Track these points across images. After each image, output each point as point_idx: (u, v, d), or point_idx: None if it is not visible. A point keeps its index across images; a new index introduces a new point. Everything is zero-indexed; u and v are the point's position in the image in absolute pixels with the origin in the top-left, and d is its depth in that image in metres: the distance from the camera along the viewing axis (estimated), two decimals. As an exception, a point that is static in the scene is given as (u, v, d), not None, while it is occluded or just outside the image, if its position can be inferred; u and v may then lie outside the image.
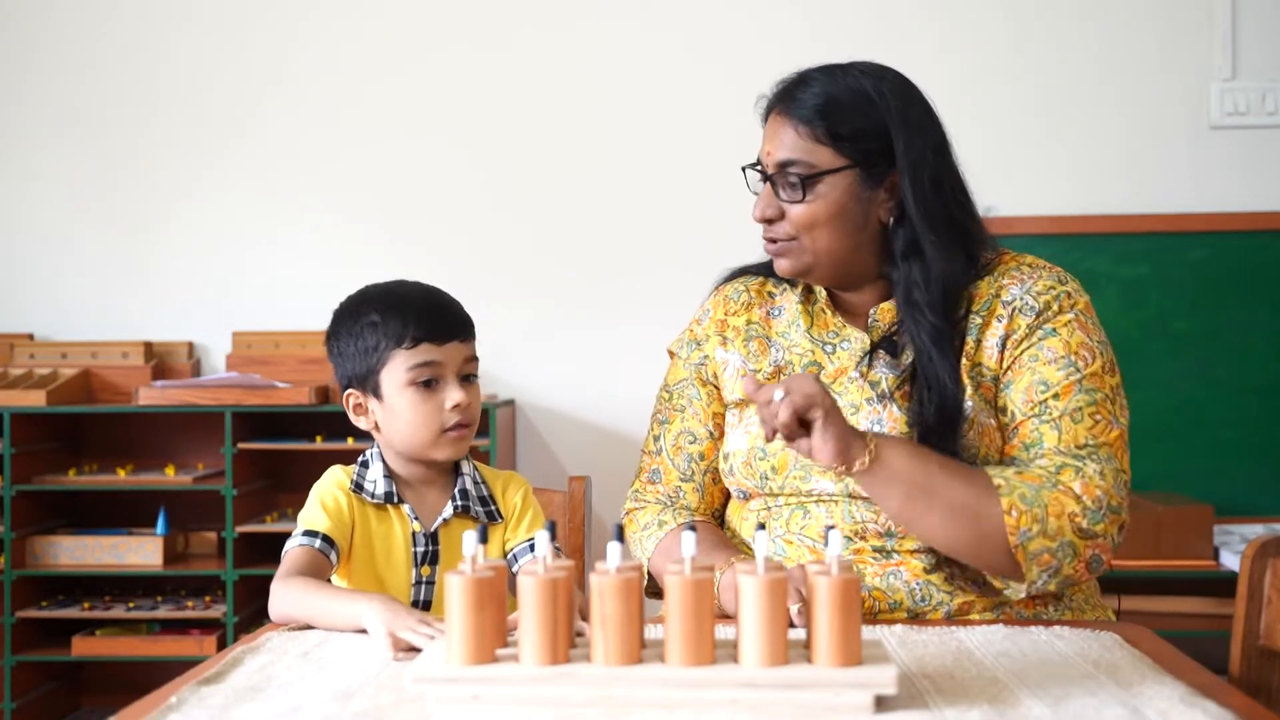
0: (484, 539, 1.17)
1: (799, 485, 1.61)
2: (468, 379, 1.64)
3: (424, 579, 1.62)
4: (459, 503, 1.64)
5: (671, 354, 1.82)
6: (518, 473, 1.80)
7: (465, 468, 1.67)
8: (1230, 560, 3.02)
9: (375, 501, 1.62)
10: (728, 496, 1.76)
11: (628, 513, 1.77)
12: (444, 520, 1.63)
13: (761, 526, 1.17)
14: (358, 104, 3.58)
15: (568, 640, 1.13)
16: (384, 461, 1.65)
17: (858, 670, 1.09)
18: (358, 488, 1.63)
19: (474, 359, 1.65)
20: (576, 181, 3.56)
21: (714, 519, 1.75)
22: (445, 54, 3.57)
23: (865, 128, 1.60)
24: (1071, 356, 1.57)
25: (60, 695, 3.42)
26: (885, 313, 1.65)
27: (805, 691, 1.08)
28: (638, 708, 1.09)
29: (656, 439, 1.77)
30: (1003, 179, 3.46)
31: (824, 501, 1.59)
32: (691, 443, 1.74)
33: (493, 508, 1.67)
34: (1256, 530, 3.23)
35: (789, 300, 1.73)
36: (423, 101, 3.57)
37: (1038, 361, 1.57)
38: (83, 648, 3.21)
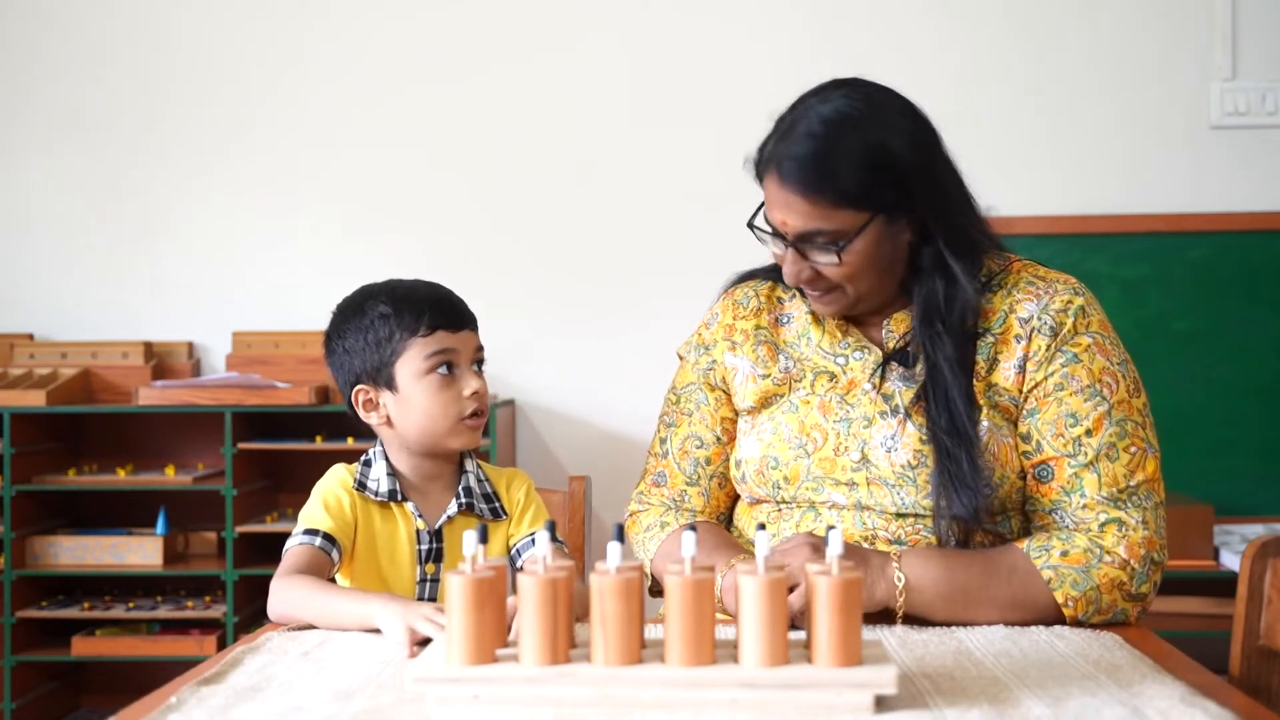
0: (484, 539, 1.17)
1: (811, 495, 1.60)
2: (479, 366, 1.65)
3: (428, 577, 1.62)
4: (463, 500, 1.64)
5: (680, 357, 1.80)
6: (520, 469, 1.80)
7: (469, 465, 1.67)
8: (1230, 560, 3.02)
9: (379, 500, 1.62)
10: (734, 501, 1.75)
11: (631, 514, 1.76)
12: (448, 518, 1.63)
13: (762, 527, 1.17)
14: (359, 106, 3.59)
15: (568, 640, 1.13)
16: (387, 460, 1.65)
17: (858, 670, 1.09)
18: (360, 486, 1.63)
19: (482, 348, 1.66)
20: (576, 185, 3.56)
21: (719, 523, 1.74)
22: (446, 59, 3.57)
23: (872, 179, 1.52)
24: (1097, 385, 1.55)
25: (60, 695, 3.42)
26: (899, 323, 1.63)
27: (805, 691, 1.08)
28: (638, 708, 1.09)
29: (663, 442, 1.75)
30: (1003, 179, 3.46)
31: (836, 508, 1.59)
32: (698, 447, 1.73)
33: (496, 504, 1.66)
34: (1256, 530, 3.23)
35: (799, 308, 1.71)
36: (424, 105, 3.57)
37: (1064, 392, 1.55)
38: (83, 648, 3.21)
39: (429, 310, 1.60)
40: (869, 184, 1.52)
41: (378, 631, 1.40)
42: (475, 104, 3.56)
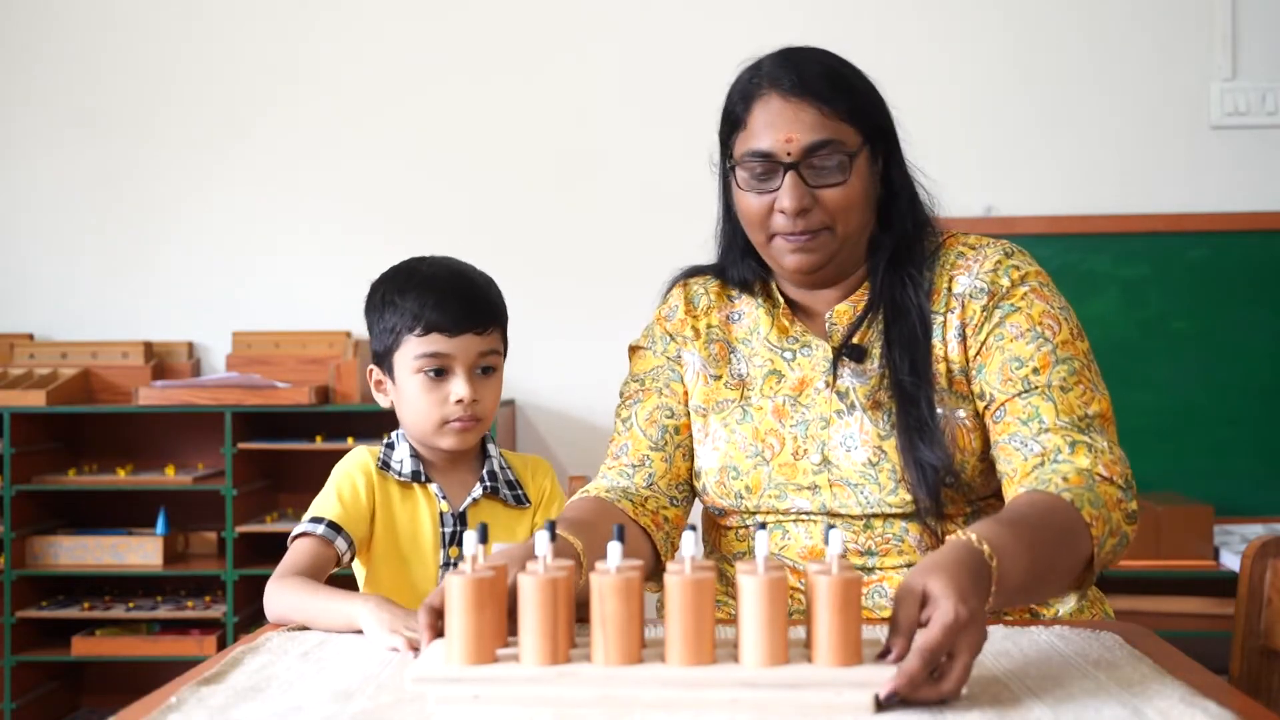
0: (484, 539, 1.16)
1: (775, 504, 1.55)
2: (486, 371, 1.62)
3: (452, 560, 1.60)
4: (488, 484, 1.63)
5: (636, 348, 1.74)
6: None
7: (491, 450, 1.66)
8: (1230, 560, 3.02)
9: (402, 480, 1.61)
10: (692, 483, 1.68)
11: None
12: (473, 500, 1.62)
13: (762, 526, 1.16)
14: (358, 108, 3.59)
15: (568, 640, 1.13)
16: (409, 442, 1.64)
17: (858, 670, 1.09)
18: (384, 465, 1.62)
19: (492, 352, 1.62)
20: (577, 185, 3.56)
21: (678, 492, 1.64)
22: (446, 61, 3.57)
23: (864, 104, 1.55)
24: (1038, 328, 1.51)
25: (60, 695, 3.42)
26: (842, 315, 1.60)
27: (805, 691, 1.08)
28: (638, 708, 1.09)
29: (626, 420, 1.66)
30: (1003, 179, 3.47)
31: (802, 520, 1.55)
32: (668, 416, 1.64)
33: (520, 492, 1.66)
34: (1256, 530, 3.23)
35: (749, 305, 1.66)
36: (424, 106, 3.58)
37: (1004, 339, 1.52)
38: (83, 648, 3.21)
39: (428, 309, 1.57)
40: (862, 104, 1.54)
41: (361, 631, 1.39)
42: (476, 105, 3.56)
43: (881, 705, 1.08)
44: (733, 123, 1.58)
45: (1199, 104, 3.47)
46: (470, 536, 1.15)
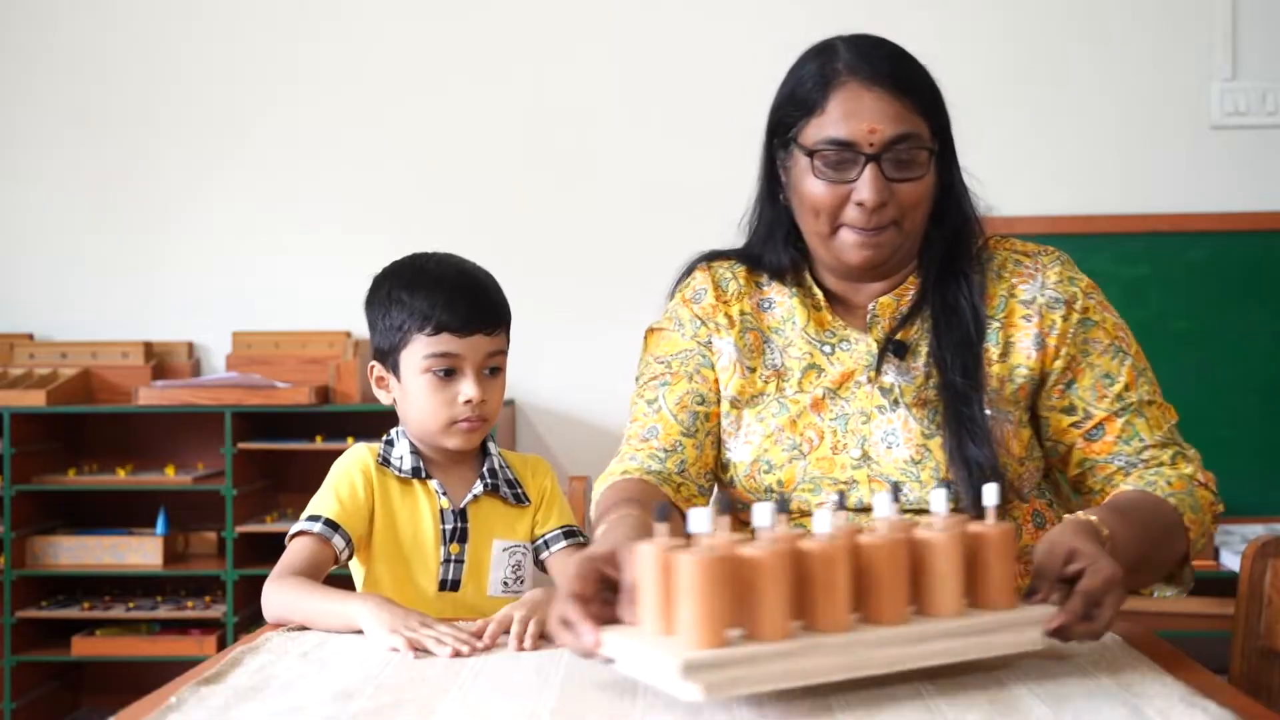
0: (664, 517, 1.09)
1: (808, 498, 1.53)
2: (493, 372, 1.62)
3: (453, 557, 1.60)
4: (488, 481, 1.63)
5: (656, 330, 1.67)
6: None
7: (491, 448, 1.67)
8: (1230, 560, 3.02)
9: (402, 476, 1.61)
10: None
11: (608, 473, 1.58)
12: (474, 497, 1.62)
13: (895, 490, 1.21)
14: (358, 108, 3.59)
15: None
16: (409, 439, 1.64)
17: (1032, 609, 1.21)
18: (384, 461, 1.62)
19: (499, 352, 1.62)
20: (577, 185, 3.56)
21: (705, 480, 1.60)
22: (445, 61, 3.57)
23: (933, 98, 1.56)
24: (1116, 342, 1.57)
25: (60, 695, 3.42)
26: (885, 307, 1.57)
27: (997, 635, 1.18)
28: (872, 669, 1.13)
29: (652, 402, 1.59)
30: (1003, 179, 3.42)
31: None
32: (700, 404, 1.58)
33: (519, 490, 1.66)
34: (1256, 530, 3.23)
35: (781, 293, 1.61)
36: (424, 106, 3.58)
37: (1091, 355, 1.55)
38: (83, 648, 3.22)
39: (439, 309, 1.57)
40: (932, 99, 1.56)
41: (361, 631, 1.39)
42: (476, 106, 3.56)
43: (1049, 636, 1.22)
44: (805, 108, 1.54)
45: (1199, 104, 3.47)
46: (700, 512, 1.07)
